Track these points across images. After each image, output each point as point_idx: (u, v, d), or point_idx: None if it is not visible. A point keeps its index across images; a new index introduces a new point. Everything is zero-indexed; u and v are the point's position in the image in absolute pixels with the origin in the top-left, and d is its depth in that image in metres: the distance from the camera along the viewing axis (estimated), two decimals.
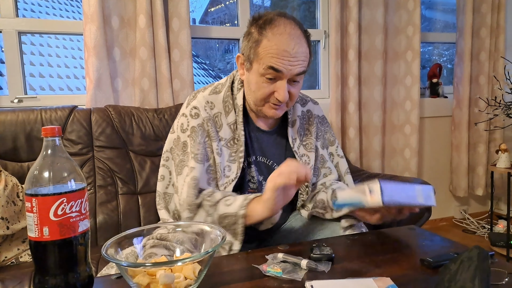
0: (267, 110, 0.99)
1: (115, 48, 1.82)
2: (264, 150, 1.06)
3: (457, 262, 0.65)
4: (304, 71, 0.96)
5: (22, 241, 1.32)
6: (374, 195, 0.85)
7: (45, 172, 0.63)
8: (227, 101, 1.03)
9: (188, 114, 1.01)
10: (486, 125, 2.61)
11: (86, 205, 0.67)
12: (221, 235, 0.71)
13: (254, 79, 0.95)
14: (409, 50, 2.39)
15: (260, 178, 1.05)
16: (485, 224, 2.71)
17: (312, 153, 1.09)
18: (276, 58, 0.90)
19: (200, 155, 0.97)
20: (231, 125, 1.02)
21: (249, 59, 0.96)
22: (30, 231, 0.63)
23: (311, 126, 1.11)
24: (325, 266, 0.77)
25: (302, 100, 1.14)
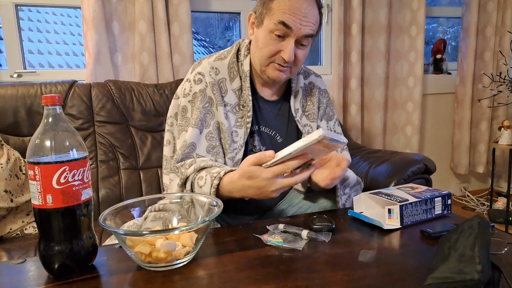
0: (270, 71, 0.99)
1: (114, 21, 1.78)
2: (267, 120, 1.06)
3: (458, 231, 0.66)
4: (313, 35, 0.97)
5: (26, 214, 1.34)
6: (393, 217, 0.84)
7: (46, 140, 0.63)
8: (232, 67, 1.03)
9: (192, 80, 1.02)
10: (489, 101, 2.58)
11: (89, 174, 0.67)
12: (219, 206, 0.72)
13: (262, 35, 0.96)
14: (413, 25, 2.34)
15: (263, 148, 1.06)
16: (484, 201, 2.73)
17: (314, 123, 1.10)
18: (288, 14, 0.91)
19: (197, 120, 0.97)
20: (236, 91, 1.02)
21: (261, 15, 0.96)
22: (33, 199, 0.63)
23: (313, 97, 1.12)
24: (326, 236, 0.78)
25: (305, 72, 1.15)
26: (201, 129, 0.98)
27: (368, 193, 0.91)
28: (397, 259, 0.69)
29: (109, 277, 0.65)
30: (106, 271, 0.67)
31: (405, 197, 0.86)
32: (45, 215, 0.63)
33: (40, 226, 0.64)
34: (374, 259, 0.69)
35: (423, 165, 1.53)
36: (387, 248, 0.74)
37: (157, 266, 0.66)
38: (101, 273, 0.66)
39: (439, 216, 0.90)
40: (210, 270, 0.66)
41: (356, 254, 0.71)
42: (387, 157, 1.62)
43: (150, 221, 0.96)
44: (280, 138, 1.08)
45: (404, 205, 0.83)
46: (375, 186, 1.49)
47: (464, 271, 0.55)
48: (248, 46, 1.04)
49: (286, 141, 1.08)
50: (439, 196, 0.90)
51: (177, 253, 0.66)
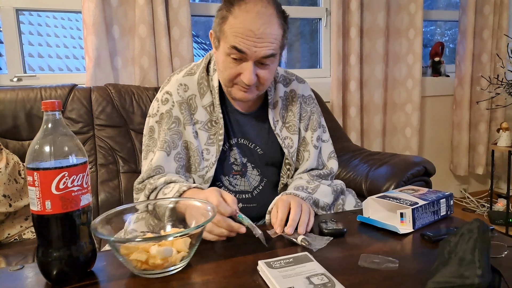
0: (235, 92, 0.93)
1: (114, 25, 1.79)
2: (245, 133, 1.02)
3: (458, 234, 0.66)
4: (273, 54, 0.88)
5: (24, 219, 1.33)
6: (406, 221, 0.83)
7: (46, 146, 0.63)
8: (202, 83, 0.99)
9: (160, 99, 0.99)
10: (487, 103, 2.59)
11: (88, 179, 0.67)
12: (212, 210, 0.71)
13: (221, 58, 0.90)
14: (411, 28, 2.35)
15: (244, 160, 1.03)
16: (484, 202, 2.73)
17: (295, 135, 1.05)
18: (240, 38, 0.84)
19: (163, 143, 0.94)
20: (206, 107, 0.98)
21: (217, 37, 0.90)
22: (32, 204, 0.63)
23: (294, 107, 1.05)
24: (319, 243, 0.77)
25: (285, 80, 1.07)
26: (169, 151, 0.94)
27: (375, 197, 0.90)
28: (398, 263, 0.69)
29: (108, 283, 0.65)
30: (105, 277, 0.67)
31: (414, 200, 0.86)
32: (43, 221, 0.63)
33: (38, 232, 0.64)
34: (376, 263, 0.69)
35: (423, 168, 1.53)
36: (388, 252, 0.74)
37: (153, 273, 0.65)
38: (100, 279, 0.66)
39: (444, 217, 0.90)
40: (208, 275, 0.66)
41: (357, 258, 0.71)
42: (386, 159, 1.62)
43: (133, 223, 0.96)
44: (260, 150, 1.04)
45: (415, 208, 0.83)
46: (375, 188, 1.49)
47: (464, 275, 0.55)
48: None
49: (268, 153, 1.04)
50: (443, 198, 0.90)
51: (173, 259, 0.65)
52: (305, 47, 2.67)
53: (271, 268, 0.64)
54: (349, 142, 1.96)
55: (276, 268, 0.63)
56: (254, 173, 1.04)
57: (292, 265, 0.65)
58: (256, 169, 1.04)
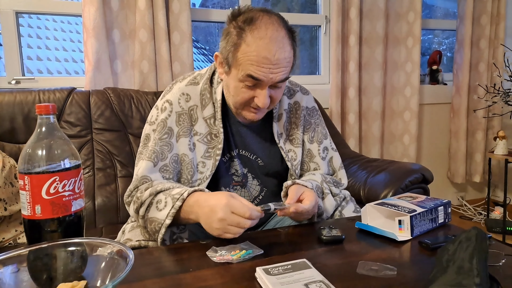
0: (246, 114, 0.93)
1: (115, 29, 1.79)
2: (247, 145, 1.01)
3: (455, 242, 0.66)
4: (287, 78, 0.89)
5: (20, 223, 1.32)
6: (404, 229, 0.83)
7: (38, 150, 0.62)
8: (204, 94, 0.97)
9: (160, 108, 0.97)
10: (484, 112, 2.61)
11: (81, 184, 0.66)
12: (129, 260, 0.55)
13: (232, 84, 0.89)
14: (409, 36, 2.37)
15: (245, 170, 1.02)
16: (481, 210, 2.74)
17: (299, 148, 1.04)
18: (255, 66, 0.83)
19: (151, 153, 0.92)
20: (207, 120, 0.96)
21: (228, 63, 0.88)
22: (23, 209, 0.62)
23: (298, 120, 1.04)
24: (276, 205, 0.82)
25: (289, 91, 1.06)
26: (156, 162, 0.91)
27: (373, 204, 0.90)
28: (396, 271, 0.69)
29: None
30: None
31: (412, 208, 0.86)
32: (34, 226, 0.62)
33: (29, 236, 0.63)
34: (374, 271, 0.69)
35: (421, 175, 1.54)
36: (386, 260, 0.73)
37: None
38: (91, 284, 0.65)
39: (442, 224, 0.91)
40: (205, 282, 0.66)
41: (355, 265, 0.71)
42: (385, 167, 1.62)
43: (128, 232, 0.95)
44: (261, 162, 1.03)
45: (414, 216, 0.83)
46: (373, 194, 1.49)
47: (463, 283, 0.55)
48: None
49: (269, 164, 1.03)
50: (441, 205, 0.90)
51: None
52: (304, 53, 2.68)
53: (269, 275, 0.63)
54: (347, 148, 1.97)
55: (274, 275, 0.63)
56: (254, 183, 1.04)
57: (290, 271, 0.64)
58: (256, 179, 1.04)
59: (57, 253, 0.61)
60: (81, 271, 0.61)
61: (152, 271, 0.70)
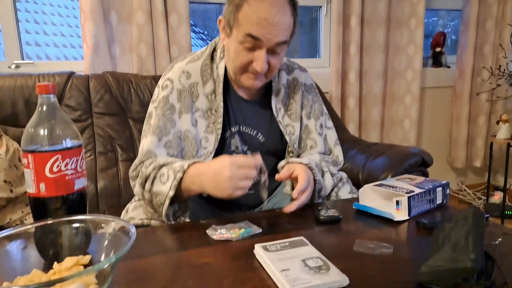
0: (245, 80, 0.95)
1: (112, 12, 1.77)
2: (247, 120, 1.03)
3: (452, 221, 0.67)
4: (286, 42, 0.91)
5: (26, 204, 1.34)
6: (401, 209, 0.84)
7: (40, 129, 0.63)
8: (205, 70, 0.99)
9: (161, 86, 0.99)
10: (488, 95, 2.58)
11: (83, 163, 0.67)
12: (132, 234, 0.56)
13: (233, 46, 0.91)
14: (413, 18, 2.33)
15: (245, 147, 1.03)
16: (481, 195, 2.75)
17: (297, 123, 1.06)
18: (255, 26, 0.86)
19: (155, 128, 0.94)
20: (208, 95, 0.98)
21: (229, 25, 0.90)
22: (28, 187, 0.64)
23: (296, 95, 1.07)
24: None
25: (288, 67, 1.09)
26: (160, 137, 0.94)
27: (371, 185, 0.91)
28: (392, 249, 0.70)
29: None
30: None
31: (410, 188, 0.87)
32: (39, 203, 0.63)
33: (35, 214, 0.65)
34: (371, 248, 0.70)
35: (420, 158, 1.54)
36: (383, 238, 0.74)
37: None
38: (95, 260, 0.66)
39: (440, 205, 0.91)
40: (205, 258, 0.67)
41: (352, 243, 0.72)
42: (384, 150, 1.62)
43: (131, 211, 0.97)
44: (262, 137, 1.04)
45: (411, 196, 0.84)
46: (372, 179, 1.50)
47: (458, 259, 0.56)
48: (224, 48, 0.99)
49: (269, 140, 1.05)
50: (440, 186, 0.91)
51: None
52: (304, 37, 2.65)
53: (267, 251, 0.64)
54: (347, 133, 1.96)
55: (272, 252, 0.64)
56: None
57: (288, 248, 0.65)
58: None
59: (62, 230, 0.62)
60: (86, 247, 0.62)
61: (154, 248, 0.71)
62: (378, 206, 0.87)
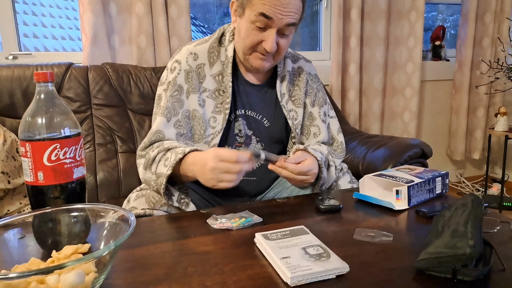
0: (253, 60, 0.98)
1: (111, 2, 1.76)
2: (253, 104, 1.05)
3: (451, 209, 0.67)
4: (295, 24, 0.95)
5: (24, 196, 1.34)
6: (401, 198, 0.84)
7: (38, 117, 0.63)
8: (213, 52, 1.02)
9: (169, 68, 1.03)
10: (486, 88, 2.59)
11: (81, 152, 0.66)
12: (131, 222, 0.56)
13: (244, 25, 0.95)
14: (413, 10, 2.32)
15: (249, 132, 1.05)
16: (479, 187, 2.76)
17: (300, 109, 1.09)
18: (268, 6, 0.90)
19: (164, 109, 0.97)
20: (215, 76, 1.01)
21: (242, 5, 0.95)
22: (26, 175, 0.63)
23: (300, 82, 1.10)
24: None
25: (293, 57, 1.13)
26: (169, 117, 0.97)
27: (371, 175, 0.91)
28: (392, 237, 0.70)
29: None
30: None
31: (410, 178, 0.87)
32: (37, 192, 0.63)
33: (33, 202, 0.64)
34: (371, 237, 0.70)
35: (420, 150, 1.54)
36: (383, 227, 0.75)
37: None
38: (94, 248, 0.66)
39: (439, 195, 0.92)
40: (206, 246, 0.67)
41: (352, 232, 0.72)
42: (384, 142, 1.63)
43: (133, 201, 0.97)
44: (267, 122, 1.06)
45: (411, 186, 0.84)
46: (372, 170, 1.50)
47: (457, 245, 0.56)
48: (233, 32, 1.02)
49: (274, 125, 1.07)
50: (439, 176, 0.91)
51: (84, 285, 0.50)
52: (305, 30, 2.64)
53: (268, 240, 0.65)
54: (347, 125, 1.96)
55: (273, 240, 0.64)
56: (257, 146, 1.06)
57: (289, 237, 0.66)
58: (260, 143, 1.07)
59: (61, 218, 0.62)
60: (85, 236, 0.63)
61: (154, 237, 0.72)
62: (378, 195, 0.88)
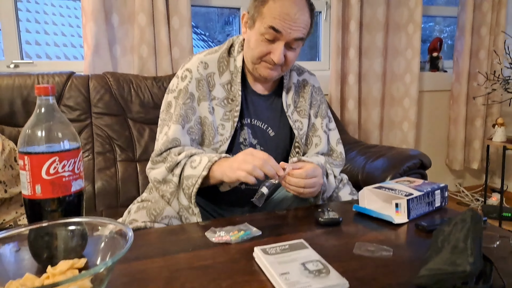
0: (262, 70, 1.01)
1: (114, 13, 1.77)
2: (259, 114, 1.08)
3: (451, 224, 0.67)
4: (302, 38, 0.99)
5: (20, 205, 1.33)
6: (401, 212, 0.84)
7: (38, 130, 0.62)
8: (222, 62, 1.06)
9: (180, 76, 1.05)
10: (484, 99, 2.61)
11: (80, 165, 0.66)
12: (128, 237, 0.55)
13: (254, 36, 0.99)
14: (410, 23, 2.35)
15: (254, 141, 1.07)
16: (479, 197, 2.76)
17: (305, 119, 1.12)
18: (278, 20, 0.94)
19: (178, 116, 1.00)
20: (224, 85, 1.05)
21: (253, 18, 0.99)
22: (23, 188, 0.63)
23: (305, 94, 1.14)
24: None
25: (298, 70, 1.17)
26: (183, 124, 1.00)
27: (371, 187, 0.91)
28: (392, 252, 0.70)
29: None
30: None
31: (409, 191, 0.87)
32: (34, 205, 0.62)
33: (30, 216, 0.64)
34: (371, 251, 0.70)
35: (419, 161, 1.55)
36: (383, 241, 0.75)
37: None
38: (91, 263, 0.66)
39: (439, 208, 0.92)
40: (205, 261, 0.67)
41: (352, 246, 0.72)
42: (383, 152, 1.63)
43: (134, 213, 0.97)
44: (272, 131, 1.09)
45: (410, 199, 0.84)
46: (371, 180, 1.50)
47: (457, 262, 0.56)
48: (242, 43, 1.06)
49: (278, 135, 1.09)
50: (438, 189, 0.91)
51: None
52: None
53: (267, 255, 0.64)
54: (346, 135, 1.97)
55: (272, 255, 0.64)
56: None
57: (288, 251, 0.66)
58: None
59: (57, 232, 0.61)
60: (81, 250, 0.62)
61: (152, 250, 0.71)
62: (377, 208, 0.87)
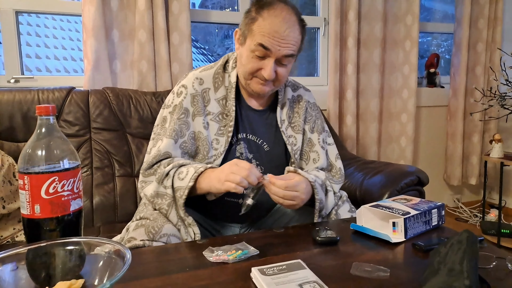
0: (254, 85, 1.03)
1: (114, 29, 1.80)
2: (254, 129, 1.09)
3: (447, 245, 0.67)
4: (293, 55, 1.00)
5: (18, 221, 1.33)
6: (398, 231, 0.85)
7: (38, 150, 0.63)
8: (217, 78, 1.07)
9: (176, 92, 1.07)
10: (481, 115, 2.63)
11: (80, 184, 0.67)
12: (127, 259, 0.55)
13: (245, 53, 1.01)
14: (407, 39, 2.38)
15: (250, 155, 1.08)
16: (477, 213, 2.75)
17: (299, 135, 1.13)
18: (267, 37, 0.95)
19: (172, 131, 1.01)
20: (219, 100, 1.06)
21: (244, 35, 1.01)
22: (22, 208, 0.63)
23: (300, 109, 1.14)
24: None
25: (293, 85, 1.18)
26: (176, 139, 1.02)
27: (368, 206, 0.92)
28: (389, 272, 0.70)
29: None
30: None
31: (406, 210, 0.88)
32: (33, 225, 0.63)
33: (28, 235, 0.64)
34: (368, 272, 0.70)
35: (416, 177, 1.55)
36: (380, 261, 0.75)
37: None
38: (88, 283, 0.66)
39: (436, 227, 0.92)
40: (201, 281, 0.67)
41: (349, 266, 0.72)
42: (381, 168, 1.64)
43: (133, 231, 0.97)
44: (267, 146, 1.10)
45: (407, 218, 0.84)
46: (369, 196, 1.51)
47: (453, 285, 0.57)
48: (236, 59, 1.08)
49: (273, 150, 1.10)
50: (435, 208, 0.92)
51: None
52: (303, 55, 2.69)
53: (264, 275, 0.64)
54: (344, 150, 1.98)
55: (269, 275, 0.64)
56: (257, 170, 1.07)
57: (285, 272, 0.66)
58: (260, 167, 1.09)
59: (55, 252, 0.61)
60: (79, 270, 0.62)
61: (149, 270, 0.71)
62: (375, 226, 0.88)
